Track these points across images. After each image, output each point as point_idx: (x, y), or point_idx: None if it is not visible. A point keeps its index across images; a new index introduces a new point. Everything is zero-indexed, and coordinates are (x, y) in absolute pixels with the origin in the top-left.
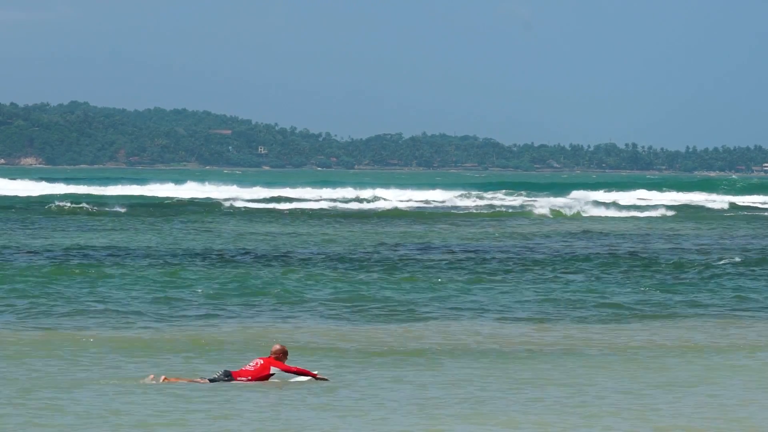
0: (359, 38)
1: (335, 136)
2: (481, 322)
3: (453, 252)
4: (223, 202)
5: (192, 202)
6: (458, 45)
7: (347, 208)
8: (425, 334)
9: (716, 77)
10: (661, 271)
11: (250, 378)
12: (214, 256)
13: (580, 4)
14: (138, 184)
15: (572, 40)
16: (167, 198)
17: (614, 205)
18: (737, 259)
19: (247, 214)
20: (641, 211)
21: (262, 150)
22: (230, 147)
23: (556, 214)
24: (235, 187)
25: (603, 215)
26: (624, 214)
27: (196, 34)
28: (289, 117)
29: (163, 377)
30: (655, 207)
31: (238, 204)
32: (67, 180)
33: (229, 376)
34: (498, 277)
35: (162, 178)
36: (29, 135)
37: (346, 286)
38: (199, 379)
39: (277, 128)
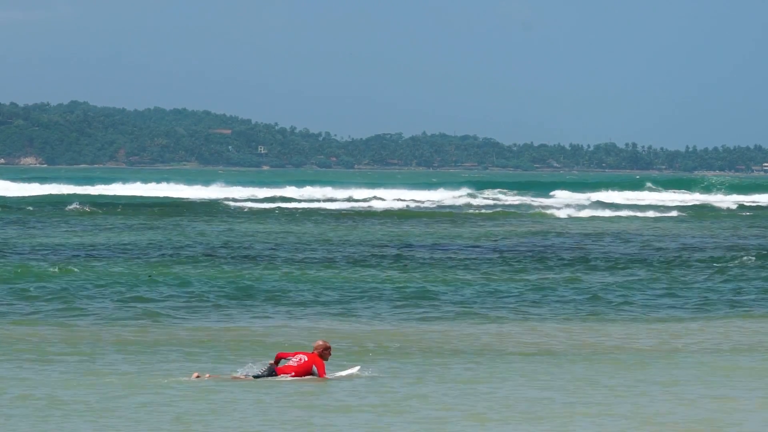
0: (359, 38)
1: (335, 135)
2: (480, 321)
3: (450, 250)
4: (221, 202)
5: (191, 202)
6: (458, 45)
7: (346, 208)
8: (425, 334)
9: (716, 77)
10: (667, 271)
11: (293, 374)
12: (213, 255)
13: (580, 4)
14: (137, 183)
15: (572, 40)
16: (166, 198)
17: (612, 205)
18: (752, 258)
19: (246, 213)
20: (640, 211)
21: (262, 150)
22: (230, 147)
23: (571, 215)
24: (234, 186)
25: (602, 215)
26: (623, 213)
27: (196, 34)
28: (289, 117)
29: (207, 374)
30: (652, 207)
31: (237, 203)
32: (66, 180)
33: (273, 372)
34: (497, 277)
35: (161, 178)
36: (29, 135)
37: (345, 286)
38: (242, 376)
39: (277, 128)
